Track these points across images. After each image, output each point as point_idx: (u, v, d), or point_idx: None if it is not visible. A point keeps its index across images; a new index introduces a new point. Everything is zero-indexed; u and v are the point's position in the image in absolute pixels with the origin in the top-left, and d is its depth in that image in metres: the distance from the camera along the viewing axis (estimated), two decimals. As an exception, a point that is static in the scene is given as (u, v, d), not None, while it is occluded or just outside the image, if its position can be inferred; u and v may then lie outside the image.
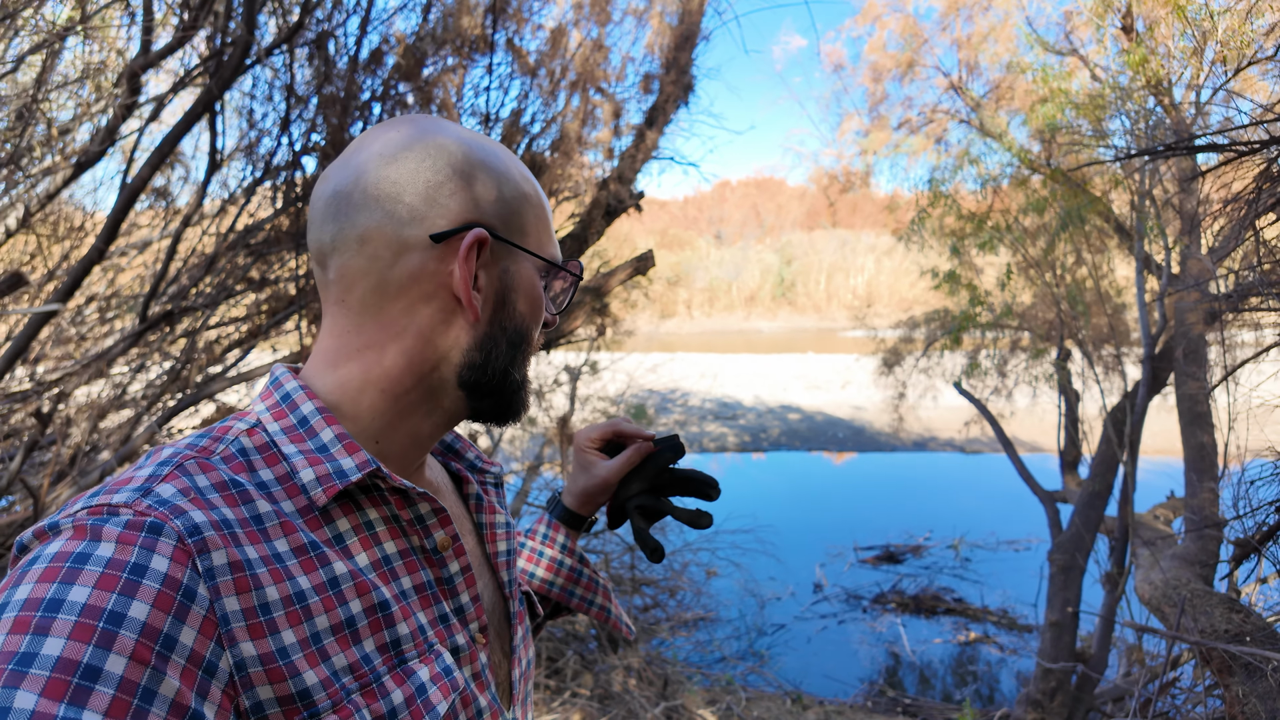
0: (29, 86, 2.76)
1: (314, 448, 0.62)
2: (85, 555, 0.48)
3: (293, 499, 0.60)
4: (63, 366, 4.00)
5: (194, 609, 0.49)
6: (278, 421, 0.64)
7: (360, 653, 0.57)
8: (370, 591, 0.59)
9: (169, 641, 0.47)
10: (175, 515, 0.52)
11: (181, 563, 0.50)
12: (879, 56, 7.81)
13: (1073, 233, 6.12)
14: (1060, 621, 4.91)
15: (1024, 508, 9.13)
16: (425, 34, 3.51)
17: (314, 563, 0.57)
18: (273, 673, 0.52)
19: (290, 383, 0.66)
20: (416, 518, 0.66)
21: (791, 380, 23.74)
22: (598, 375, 7.35)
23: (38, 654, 0.43)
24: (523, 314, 0.70)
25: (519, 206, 0.69)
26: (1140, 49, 4.37)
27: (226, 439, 0.62)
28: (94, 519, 0.50)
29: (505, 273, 0.68)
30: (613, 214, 3.71)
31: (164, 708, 0.45)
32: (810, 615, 8.50)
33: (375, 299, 0.65)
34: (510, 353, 0.70)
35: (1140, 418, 4.85)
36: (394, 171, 0.64)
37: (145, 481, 0.54)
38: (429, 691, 0.60)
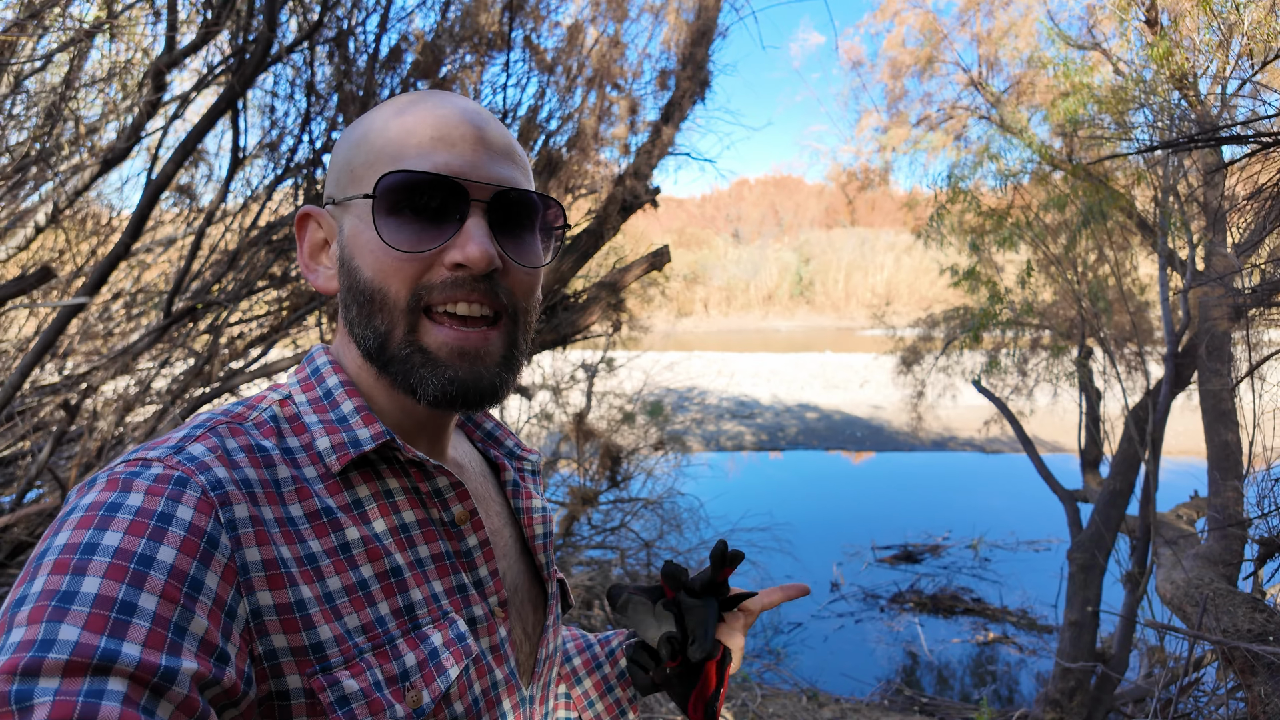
0: (57, 85, 2.82)
1: (334, 418, 0.66)
2: (117, 504, 0.51)
3: (314, 465, 0.63)
4: (90, 361, 4.08)
5: (217, 555, 0.52)
6: (306, 394, 0.68)
7: (374, 614, 0.59)
8: (382, 557, 0.62)
9: (195, 584, 0.50)
10: (201, 471, 0.55)
11: (205, 513, 0.53)
12: (898, 52, 7.75)
13: (1094, 229, 6.04)
14: (1080, 621, 4.86)
15: (1044, 508, 9.03)
16: (444, 31, 3.53)
17: (326, 528, 0.60)
18: (288, 623, 0.55)
19: (321, 358, 0.70)
20: (435, 491, 0.68)
21: (809, 379, 23.63)
22: (614, 373, 7.37)
23: (78, 591, 0.46)
24: (358, 268, 0.64)
25: (348, 155, 0.67)
26: (1164, 42, 4.30)
27: (260, 407, 0.66)
28: (128, 472, 0.54)
29: (341, 232, 0.67)
30: (629, 210, 3.72)
31: (194, 644, 0.48)
32: (827, 614, 8.47)
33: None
34: (363, 313, 0.64)
35: (1163, 416, 4.78)
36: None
37: (179, 441, 0.58)
38: (441, 656, 0.62)
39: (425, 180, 0.61)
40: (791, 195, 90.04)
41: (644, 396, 7.73)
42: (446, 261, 0.62)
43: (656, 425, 7.02)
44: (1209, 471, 3.59)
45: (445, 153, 0.63)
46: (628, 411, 6.76)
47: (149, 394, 4.11)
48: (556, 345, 4.01)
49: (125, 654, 0.44)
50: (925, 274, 25.30)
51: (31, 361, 2.85)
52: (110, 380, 3.83)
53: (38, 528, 3.18)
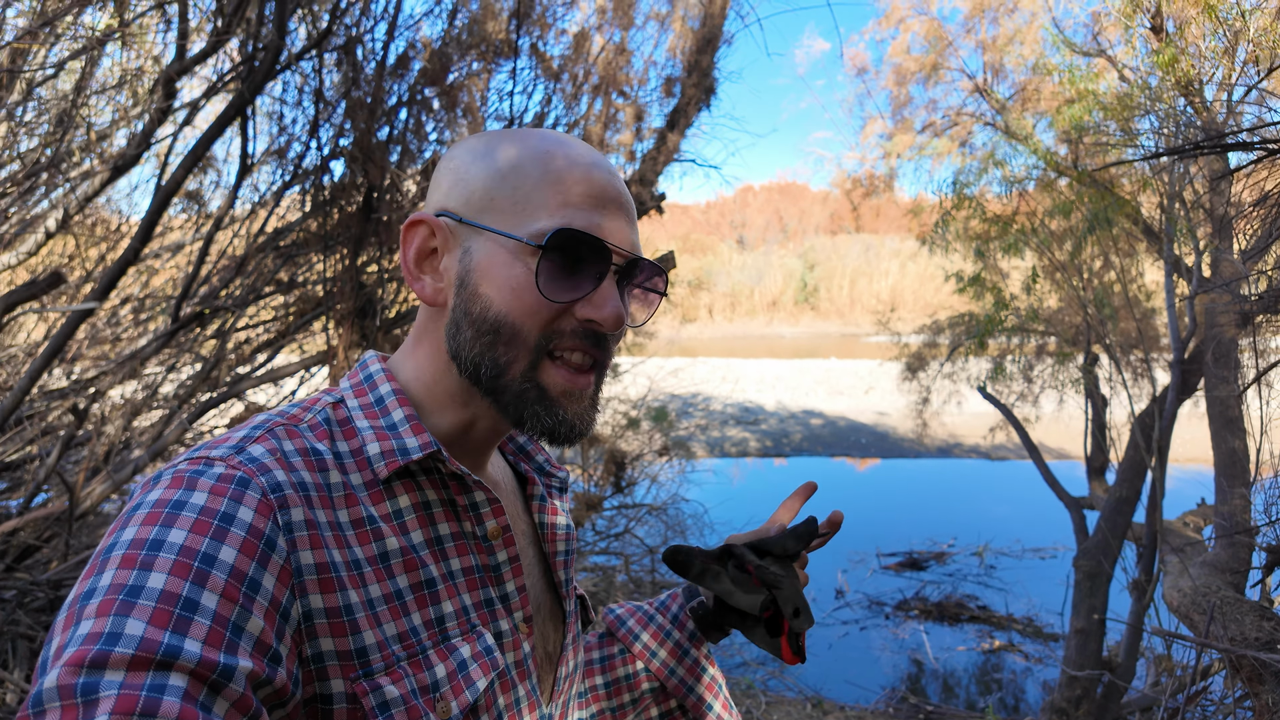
0: (68, 93, 2.84)
1: (384, 425, 0.67)
2: (182, 502, 0.53)
3: (360, 472, 0.64)
4: (99, 366, 4.10)
5: (274, 558, 0.54)
6: (358, 399, 0.69)
7: (409, 624, 0.61)
8: (418, 569, 0.63)
9: (254, 585, 0.52)
10: (262, 473, 0.57)
11: (265, 515, 0.55)
12: (903, 59, 7.77)
13: (1100, 236, 6.03)
14: (1086, 629, 4.83)
15: (1050, 515, 8.99)
16: (451, 38, 3.56)
17: (369, 535, 0.62)
18: (336, 627, 0.56)
19: (374, 365, 0.72)
20: (471, 505, 0.69)
21: (814, 385, 23.60)
22: (619, 378, 7.37)
23: (144, 587, 0.48)
24: (488, 297, 0.65)
25: (492, 183, 0.67)
26: (1170, 49, 4.30)
27: (315, 409, 0.68)
28: (192, 470, 0.56)
29: (465, 254, 0.67)
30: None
31: (250, 644, 0.50)
32: (832, 621, 8.44)
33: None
34: (480, 342, 0.66)
35: (1169, 423, 4.77)
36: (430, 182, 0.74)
37: (239, 441, 0.60)
38: (470, 668, 0.63)
39: (587, 239, 0.65)
40: (796, 202, 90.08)
41: (649, 402, 7.73)
42: (579, 314, 0.66)
43: (661, 431, 7.02)
44: (1216, 479, 3.58)
45: (600, 214, 0.66)
46: (632, 417, 6.76)
47: (156, 399, 4.13)
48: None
49: (187, 650, 0.46)
50: (930, 280, 25.27)
51: (40, 366, 2.87)
52: (118, 385, 3.85)
53: (45, 531, 3.20)
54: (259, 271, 4.04)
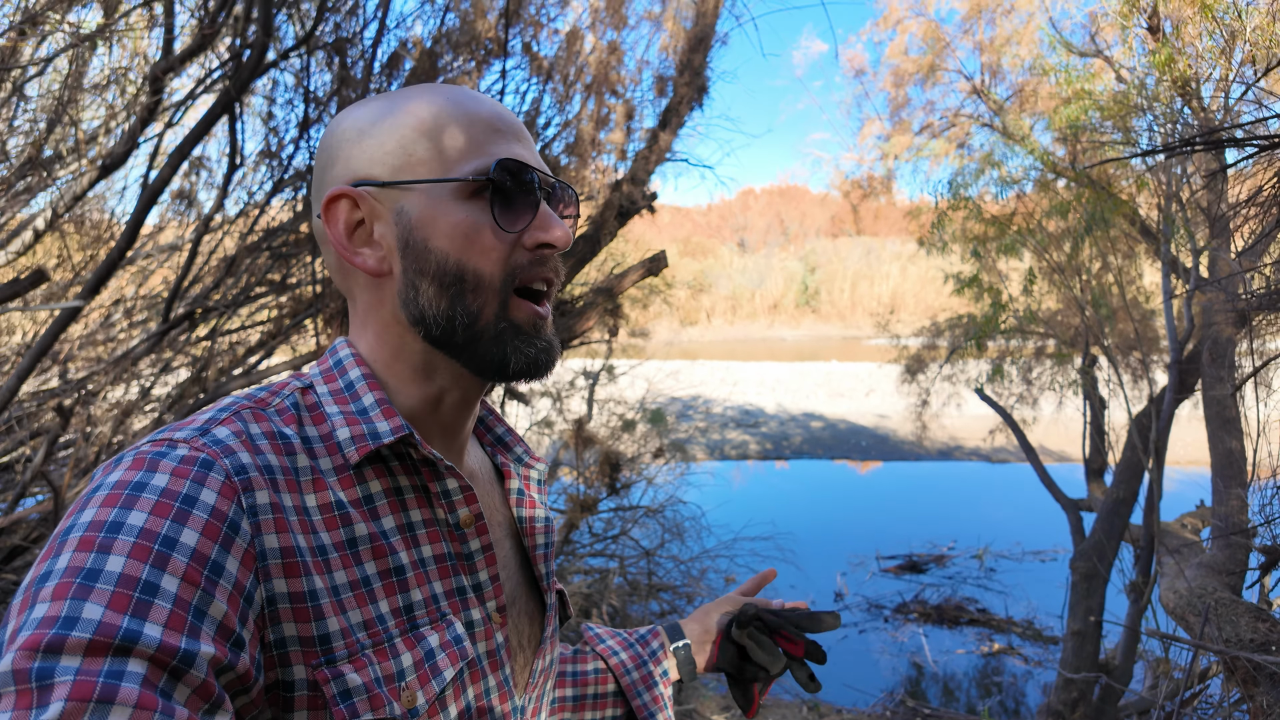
0: (56, 91, 2.83)
1: (355, 410, 0.66)
2: (143, 484, 0.51)
3: (330, 456, 0.63)
4: (91, 367, 4.09)
5: (237, 541, 0.53)
6: (327, 384, 0.68)
7: (375, 612, 0.60)
8: (387, 556, 0.62)
9: (216, 568, 0.50)
10: (226, 455, 0.56)
11: (228, 497, 0.53)
12: (900, 61, 7.76)
13: (1098, 236, 6.01)
14: (1082, 631, 4.80)
15: (1050, 518, 8.97)
16: (441, 37, 3.55)
17: (336, 521, 0.60)
18: (299, 612, 0.55)
19: (344, 350, 0.70)
20: (443, 491, 0.68)
21: (814, 388, 23.58)
22: (616, 380, 7.35)
23: (102, 570, 0.46)
24: (441, 250, 0.64)
25: (405, 139, 0.66)
26: (1167, 49, 4.28)
27: (283, 394, 0.66)
28: (154, 452, 0.54)
29: (399, 214, 0.65)
30: (626, 215, 3.72)
31: (213, 628, 0.49)
32: (831, 624, 8.41)
33: (341, 282, 0.71)
34: (445, 295, 0.65)
35: (1166, 423, 4.74)
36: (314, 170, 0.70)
37: (204, 423, 0.58)
38: (437, 657, 0.62)
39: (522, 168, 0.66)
40: (797, 204, 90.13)
41: (647, 405, 7.71)
42: (529, 241, 0.67)
43: (658, 433, 7.00)
44: (1213, 480, 3.55)
45: (515, 144, 0.67)
46: (628, 419, 6.74)
47: (148, 399, 4.12)
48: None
49: (147, 635, 0.45)
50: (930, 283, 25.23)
51: (28, 366, 2.86)
52: (110, 386, 3.84)
53: (32, 533, 3.18)
54: (250, 272, 4.02)
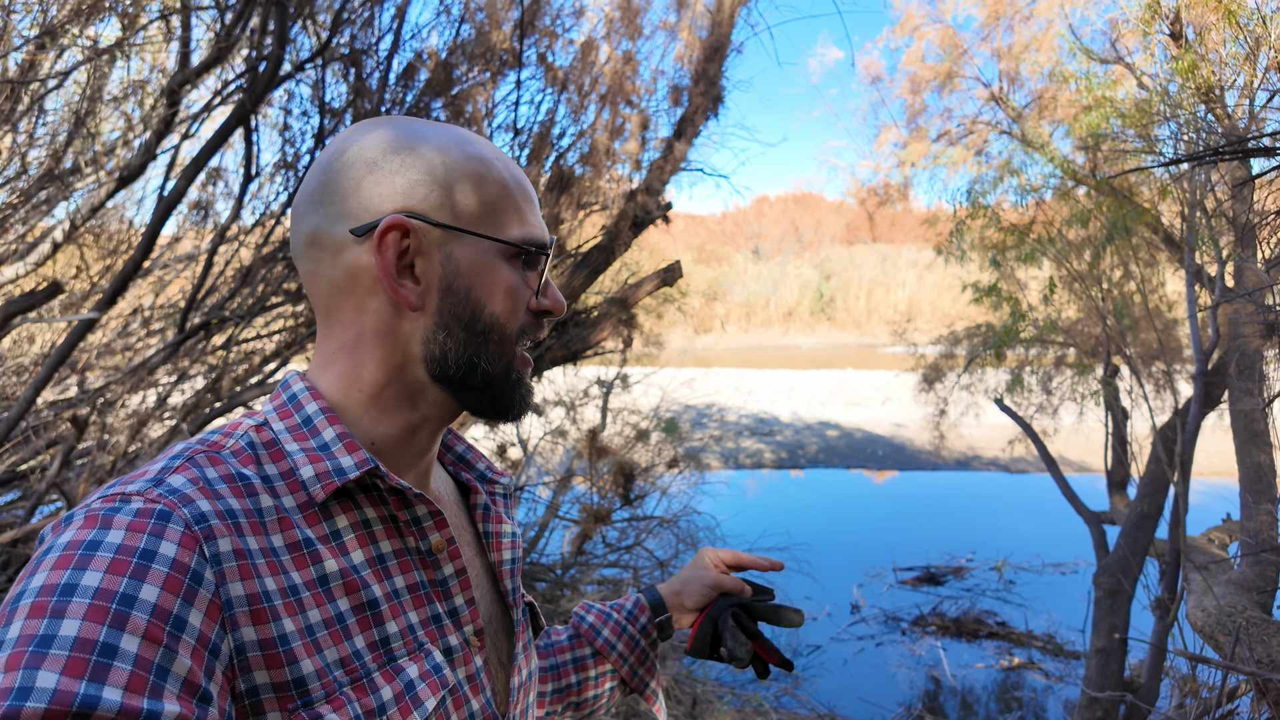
0: (75, 103, 2.86)
1: (315, 446, 0.64)
2: (96, 542, 0.50)
3: (294, 494, 0.62)
4: (108, 376, 4.12)
5: (201, 592, 0.51)
6: (283, 420, 0.66)
7: (351, 648, 0.58)
8: (360, 590, 0.61)
9: (179, 623, 0.49)
10: (184, 504, 0.54)
11: (189, 548, 0.52)
12: (917, 68, 7.71)
13: (1119, 245, 5.92)
14: (1106, 648, 4.70)
15: (1071, 530, 8.83)
16: (457, 48, 3.56)
17: (305, 559, 0.59)
18: (270, 659, 0.54)
19: (298, 384, 0.68)
20: (413, 519, 0.67)
21: (830, 396, 23.42)
22: (630, 389, 7.33)
23: (56, 635, 0.45)
24: (477, 299, 0.66)
25: (466, 185, 0.67)
26: (1190, 55, 4.22)
27: (236, 434, 0.64)
28: (106, 508, 0.52)
29: (449, 258, 0.66)
30: (640, 225, 3.70)
31: (177, 685, 0.47)
32: (847, 636, 8.31)
33: (332, 300, 0.67)
34: (469, 342, 0.67)
35: (1192, 436, 4.64)
36: (327, 173, 0.67)
37: (158, 474, 0.57)
38: (417, 688, 0.61)
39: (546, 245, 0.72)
40: (812, 212, 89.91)
41: (661, 413, 7.67)
42: (534, 306, 0.71)
43: (672, 443, 6.96)
44: (1241, 494, 3.46)
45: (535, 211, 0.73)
46: (642, 429, 6.71)
47: (164, 408, 4.14)
48: (568, 361, 3.98)
49: (106, 699, 0.43)
50: (947, 291, 25.07)
51: (45, 376, 2.87)
52: (127, 395, 3.87)
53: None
54: (266, 282, 4.04)
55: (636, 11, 3.87)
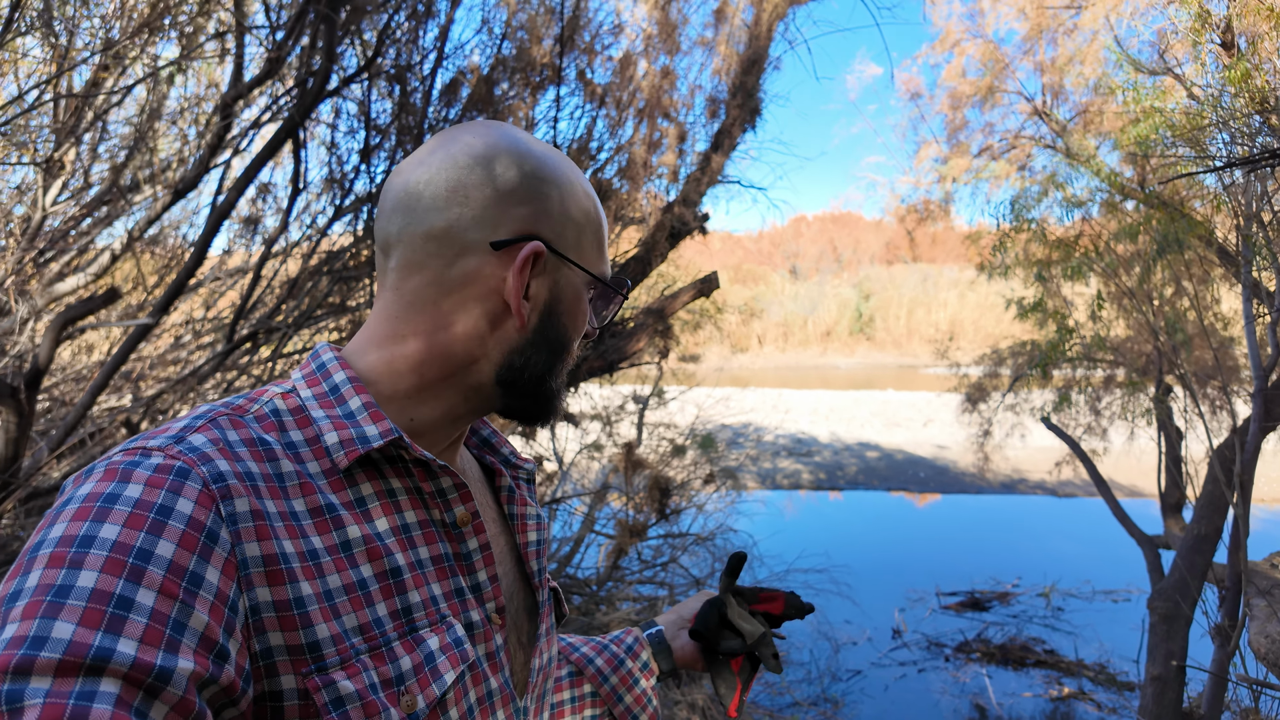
0: (136, 120, 2.98)
1: (341, 414, 0.64)
2: (115, 495, 0.50)
3: (318, 460, 0.62)
4: (160, 385, 4.25)
5: (217, 550, 0.51)
6: (310, 388, 0.67)
7: (372, 615, 0.58)
8: (383, 557, 0.60)
9: (195, 579, 0.49)
10: (203, 462, 0.54)
11: (206, 506, 0.52)
12: (958, 83, 7.64)
13: (1171, 259, 5.75)
14: (1163, 676, 4.50)
15: (1122, 555, 8.53)
16: (499, 64, 3.63)
17: (328, 524, 0.59)
18: (285, 620, 0.53)
19: (327, 354, 0.69)
20: (438, 491, 0.67)
21: (870, 417, 23.08)
22: (665, 405, 7.31)
23: (73, 586, 0.45)
24: (565, 325, 0.72)
25: (577, 222, 0.71)
26: (1242, 64, 4.11)
27: (261, 400, 0.65)
28: (127, 461, 0.53)
29: (556, 285, 0.70)
30: (677, 236, 3.71)
31: (194, 639, 0.47)
32: (889, 662, 8.11)
33: (431, 292, 0.68)
34: (549, 360, 0.71)
35: (1252, 456, 4.46)
36: (466, 175, 0.68)
37: (179, 431, 0.57)
38: (438, 660, 0.61)
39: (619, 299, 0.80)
40: (851, 231, 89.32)
41: (697, 430, 7.63)
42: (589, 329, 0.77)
43: (709, 459, 6.91)
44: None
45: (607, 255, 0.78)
46: (679, 444, 6.67)
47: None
48: (604, 373, 3.99)
49: (120, 652, 0.43)
50: (990, 310, 24.59)
51: (101, 383, 2.97)
52: (177, 404, 3.98)
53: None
54: (312, 295, 4.14)
55: (674, 27, 3.91)
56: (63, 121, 2.73)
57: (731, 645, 0.98)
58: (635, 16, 3.96)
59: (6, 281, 2.85)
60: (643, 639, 1.02)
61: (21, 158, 2.87)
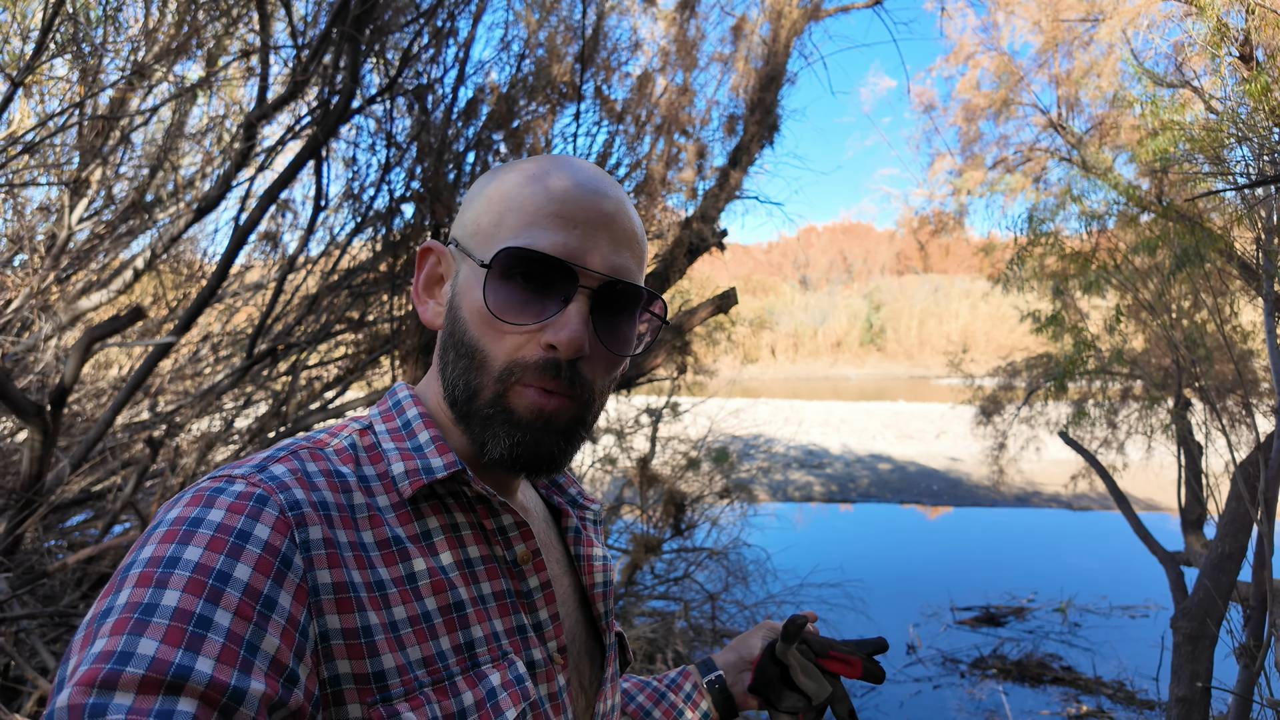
0: (160, 139, 3.01)
1: (410, 447, 0.66)
2: (199, 519, 0.52)
3: (388, 494, 0.64)
4: (180, 400, 4.27)
5: (290, 576, 0.53)
6: (386, 424, 0.69)
7: (436, 649, 0.59)
8: (446, 591, 0.61)
9: (269, 603, 0.51)
10: (280, 490, 0.56)
11: (282, 532, 0.54)
12: (972, 95, 7.63)
13: (1190, 272, 5.70)
14: (1188, 697, 4.43)
15: (1139, 570, 8.43)
16: (518, 82, 3.65)
17: (395, 556, 0.60)
18: (353, 649, 0.55)
19: (403, 392, 0.72)
20: (499, 528, 0.67)
21: (881, 429, 22.97)
22: (679, 418, 7.29)
23: (158, 605, 0.47)
24: (465, 320, 0.65)
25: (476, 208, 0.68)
26: (1262, 77, 4.08)
27: (341, 435, 0.67)
28: (212, 488, 0.55)
29: (455, 277, 0.69)
30: (695, 252, 3.71)
31: (265, 662, 0.49)
32: (903, 678, 8.02)
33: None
34: (459, 364, 0.65)
35: (1275, 472, 4.40)
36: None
37: (262, 461, 0.60)
38: (499, 697, 0.61)
39: (538, 257, 0.63)
40: (861, 242, 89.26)
41: (709, 443, 7.61)
42: (542, 340, 0.63)
43: (722, 472, 6.89)
44: (1334, 535, 3.26)
45: (565, 233, 0.63)
46: (692, 458, 6.65)
47: (230, 432, 4.26)
48: (621, 389, 3.99)
49: (198, 670, 0.45)
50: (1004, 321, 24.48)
51: (123, 399, 2.99)
52: (196, 419, 4.00)
53: (119, 560, 3.30)
54: (330, 310, 4.16)
55: (692, 44, 3.92)
56: (89, 141, 2.76)
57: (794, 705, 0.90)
58: (653, 34, 3.99)
59: (31, 299, 2.88)
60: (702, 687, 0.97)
61: (48, 176, 2.91)
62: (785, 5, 3.66)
